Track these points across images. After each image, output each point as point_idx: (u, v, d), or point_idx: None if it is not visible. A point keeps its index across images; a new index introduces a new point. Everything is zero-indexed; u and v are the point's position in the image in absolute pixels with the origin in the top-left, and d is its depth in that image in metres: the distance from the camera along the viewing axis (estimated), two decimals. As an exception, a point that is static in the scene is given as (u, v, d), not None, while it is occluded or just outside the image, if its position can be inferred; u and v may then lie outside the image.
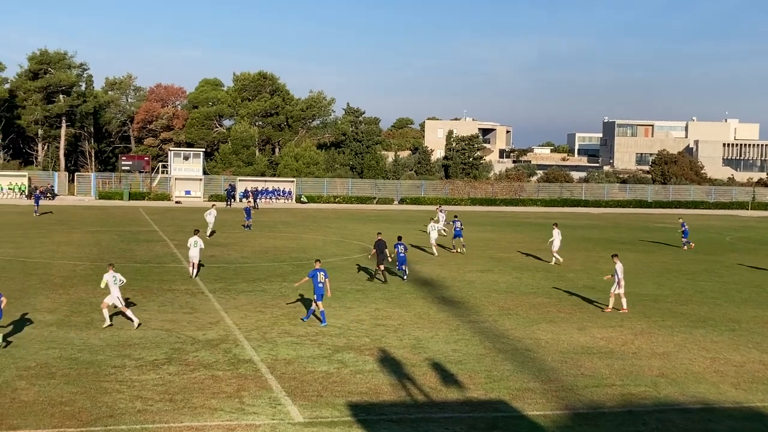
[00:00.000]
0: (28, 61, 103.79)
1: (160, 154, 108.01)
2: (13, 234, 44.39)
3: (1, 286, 27.08)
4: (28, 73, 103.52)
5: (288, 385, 16.60)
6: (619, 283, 25.79)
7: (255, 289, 28.16)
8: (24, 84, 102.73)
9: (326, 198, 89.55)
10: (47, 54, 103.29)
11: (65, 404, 14.79)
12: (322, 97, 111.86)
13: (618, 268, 25.87)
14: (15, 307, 23.56)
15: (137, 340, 19.90)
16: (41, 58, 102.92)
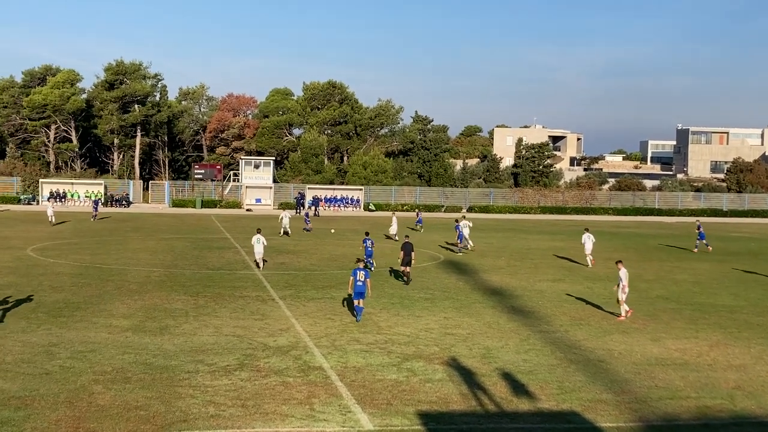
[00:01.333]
0: (105, 72, 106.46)
1: (232, 163, 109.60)
2: (90, 241, 45.50)
3: (79, 291, 27.84)
4: (104, 84, 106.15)
5: (357, 392, 16.67)
6: (623, 289, 25.68)
7: (324, 297, 28.34)
8: (100, 94, 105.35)
9: (394, 206, 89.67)
10: (123, 65, 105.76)
11: (140, 408, 15.08)
12: (390, 106, 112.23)
13: (622, 275, 25.84)
14: (92, 312, 24.17)
15: (210, 346, 20.20)
16: (117, 68, 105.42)
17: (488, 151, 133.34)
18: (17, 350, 19.10)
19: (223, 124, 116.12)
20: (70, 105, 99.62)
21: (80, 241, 45.51)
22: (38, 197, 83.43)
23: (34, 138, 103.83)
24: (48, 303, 25.43)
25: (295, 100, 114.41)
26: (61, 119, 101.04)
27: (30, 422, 14.05)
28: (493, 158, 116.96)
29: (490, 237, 55.13)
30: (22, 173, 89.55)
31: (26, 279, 30.39)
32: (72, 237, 47.83)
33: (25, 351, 19.06)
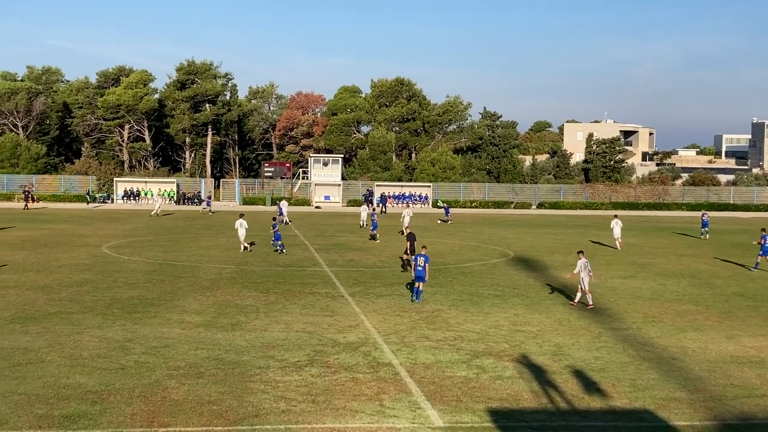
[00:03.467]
0: (177, 72, 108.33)
1: (301, 161, 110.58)
2: (162, 238, 46.33)
3: (153, 288, 28.36)
4: (176, 84, 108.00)
5: (427, 389, 16.63)
6: (586, 277, 26.42)
7: (393, 293, 28.36)
8: (172, 94, 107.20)
9: (462, 202, 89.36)
10: (194, 65, 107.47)
11: (213, 403, 15.28)
12: (458, 102, 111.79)
13: (581, 264, 26.54)
14: (165, 308, 24.59)
15: (281, 342, 20.37)
16: (188, 68, 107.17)
17: (558, 146, 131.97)
18: (93, 345, 19.53)
19: (292, 122, 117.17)
20: (143, 105, 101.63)
21: (154, 238, 46.38)
22: (113, 195, 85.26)
23: (109, 137, 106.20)
24: (123, 299, 25.97)
25: (363, 97, 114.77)
26: (135, 119, 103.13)
27: (106, 416, 14.35)
28: (563, 154, 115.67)
29: (561, 233, 54.51)
30: (97, 172, 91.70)
31: (102, 276, 31.07)
32: (145, 234, 48.77)
33: (101, 346, 19.48)
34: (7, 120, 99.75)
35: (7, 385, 15.95)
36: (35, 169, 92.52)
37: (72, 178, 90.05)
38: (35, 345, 19.39)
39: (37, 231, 49.19)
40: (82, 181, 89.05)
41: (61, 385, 16.10)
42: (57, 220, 59.09)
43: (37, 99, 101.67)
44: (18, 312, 23.50)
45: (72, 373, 16.97)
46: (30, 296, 26.21)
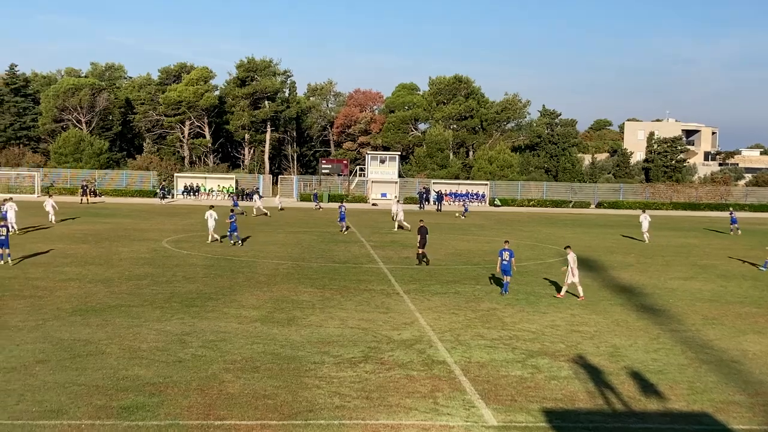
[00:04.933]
0: (237, 69, 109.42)
1: (358, 158, 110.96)
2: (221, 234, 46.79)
3: (211, 282, 28.70)
4: (236, 81, 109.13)
5: (481, 388, 16.55)
6: (572, 271, 27.28)
7: (448, 291, 28.29)
8: (232, 91, 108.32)
9: (520, 201, 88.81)
10: (254, 62, 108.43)
11: (268, 397, 15.40)
12: (517, 100, 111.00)
13: (570, 258, 27.44)
14: (223, 303, 24.87)
15: (336, 338, 20.46)
16: (248, 65, 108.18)
17: (618, 145, 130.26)
18: (152, 338, 19.83)
19: (349, 119, 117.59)
20: (203, 101, 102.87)
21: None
22: (174, 191, 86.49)
23: (170, 134, 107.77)
24: (181, 293, 26.32)
25: (421, 95, 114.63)
26: (195, 115, 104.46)
27: (164, 408, 14.56)
28: (624, 153, 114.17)
29: (620, 233, 53.80)
30: (158, 168, 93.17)
31: (161, 270, 31.53)
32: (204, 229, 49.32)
33: (159, 339, 19.77)
34: (72, 116, 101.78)
35: (67, 376, 16.28)
36: (98, 164, 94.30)
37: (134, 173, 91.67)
38: (95, 337, 19.76)
39: (99, 225, 50.11)
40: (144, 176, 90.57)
41: (120, 376, 16.38)
42: (118, 214, 60.16)
43: (100, 95, 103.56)
44: (79, 304, 23.97)
45: (131, 365, 17.26)
46: (91, 289, 26.72)
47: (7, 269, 30.41)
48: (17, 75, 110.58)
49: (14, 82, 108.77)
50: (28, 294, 25.38)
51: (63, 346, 18.76)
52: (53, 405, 14.50)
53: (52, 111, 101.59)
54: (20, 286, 26.84)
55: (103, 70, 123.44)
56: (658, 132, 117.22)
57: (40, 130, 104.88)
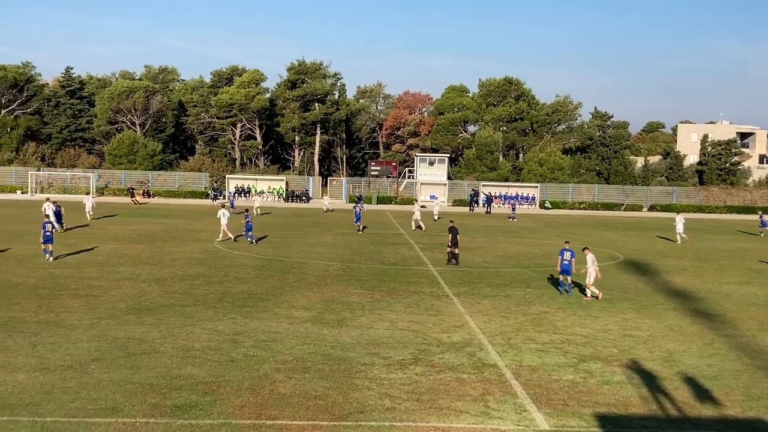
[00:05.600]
0: (287, 72, 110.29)
1: (407, 160, 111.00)
2: (271, 235, 47.19)
3: (262, 283, 28.92)
4: (286, 83, 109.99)
5: (533, 392, 16.43)
6: (596, 272, 27.83)
7: (498, 294, 28.15)
8: (283, 93, 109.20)
9: (571, 204, 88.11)
10: (304, 64, 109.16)
11: (319, 398, 15.46)
12: (568, 101, 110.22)
13: (589, 259, 28.00)
14: (274, 303, 25.03)
15: (385, 340, 20.47)
16: (299, 68, 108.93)
17: (671, 148, 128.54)
18: (205, 338, 20.03)
19: (399, 121, 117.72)
20: (254, 104, 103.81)
21: (263, 235, 47.24)
22: (225, 192, 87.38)
23: (222, 135, 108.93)
24: (233, 293, 26.56)
25: (471, 96, 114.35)
26: (247, 117, 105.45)
27: (216, 407, 14.69)
28: (677, 155, 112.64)
29: (673, 236, 53.06)
30: (210, 169, 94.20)
31: (213, 270, 31.86)
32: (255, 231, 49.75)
33: (212, 339, 19.96)
34: (126, 118, 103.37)
35: (122, 374, 16.52)
36: (151, 166, 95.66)
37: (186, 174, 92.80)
38: (149, 336, 20.02)
39: (152, 225, 50.79)
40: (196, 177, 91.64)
41: (174, 375, 16.56)
42: (171, 215, 60.93)
43: (154, 97, 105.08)
44: (133, 303, 24.31)
45: (184, 364, 17.45)
46: (145, 288, 27.09)
47: (63, 268, 30.98)
48: (73, 78, 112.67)
49: (70, 85, 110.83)
50: (84, 293, 25.82)
51: (118, 344, 19.04)
52: (108, 403, 14.72)
53: (107, 113, 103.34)
54: (76, 285, 27.32)
55: (156, 73, 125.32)
56: (712, 134, 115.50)
57: (95, 132, 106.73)
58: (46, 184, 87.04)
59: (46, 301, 24.29)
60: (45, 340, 19.24)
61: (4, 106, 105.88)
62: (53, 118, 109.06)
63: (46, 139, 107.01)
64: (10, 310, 22.67)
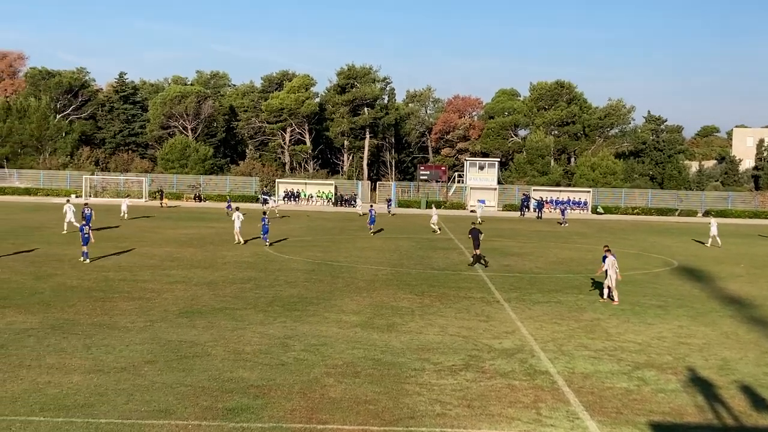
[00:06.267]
0: (337, 77, 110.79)
1: (457, 164, 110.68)
2: (321, 239, 47.36)
3: (312, 287, 29.00)
4: (336, 88, 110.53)
5: (586, 399, 16.20)
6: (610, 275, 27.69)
7: (550, 300, 27.86)
8: (332, 98, 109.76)
9: (624, 209, 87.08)
10: (354, 69, 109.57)
11: (369, 403, 15.41)
12: (621, 105, 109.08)
13: (608, 262, 27.84)
14: (323, 307, 25.07)
15: (436, 345, 20.36)
16: (348, 73, 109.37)
17: (726, 152, 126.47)
18: (256, 341, 20.11)
19: (448, 125, 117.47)
20: (304, 108, 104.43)
21: (313, 239, 47.46)
22: (275, 196, 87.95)
23: (271, 140, 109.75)
24: (284, 297, 26.66)
25: (522, 100, 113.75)
26: (296, 122, 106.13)
27: (267, 410, 14.72)
28: (732, 160, 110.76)
29: (728, 243, 52.11)
30: (260, 173, 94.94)
31: (264, 274, 32.03)
32: (305, 235, 50.00)
33: (262, 342, 20.04)
34: (178, 122, 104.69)
35: (175, 377, 16.64)
36: (203, 170, 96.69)
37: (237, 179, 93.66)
38: (201, 339, 20.17)
39: (204, 229, 51.29)
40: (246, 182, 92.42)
41: (225, 378, 16.65)
42: (222, 218, 61.46)
43: (205, 102, 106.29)
44: (186, 306, 24.53)
45: (235, 367, 17.53)
46: (197, 291, 27.32)
47: (117, 271, 31.39)
48: (126, 83, 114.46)
49: (123, 90, 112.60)
50: (137, 296, 26.12)
51: (170, 347, 19.20)
52: (161, 405, 14.84)
53: (160, 118, 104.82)
54: (129, 288, 27.65)
55: (208, 78, 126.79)
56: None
57: (147, 137, 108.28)
58: (100, 188, 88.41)
59: (100, 303, 24.63)
60: (99, 342, 19.49)
61: (60, 111, 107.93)
62: (107, 122, 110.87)
63: (99, 144, 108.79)
64: (66, 312, 23.02)
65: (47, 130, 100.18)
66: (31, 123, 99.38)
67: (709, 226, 51.40)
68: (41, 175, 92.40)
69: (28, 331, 20.44)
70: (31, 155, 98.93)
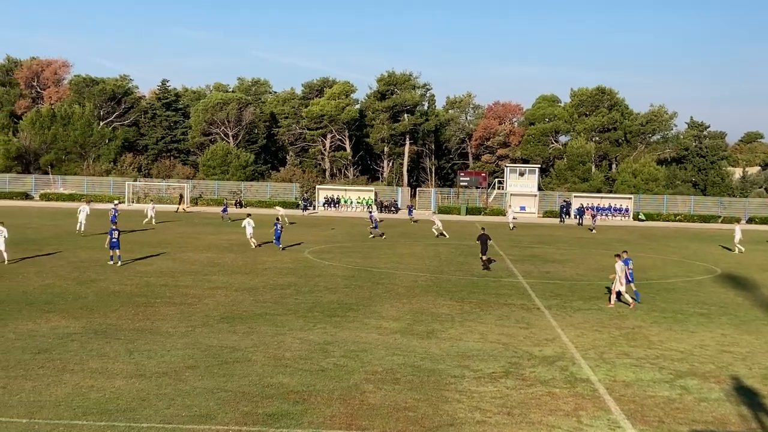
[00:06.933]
0: (377, 83, 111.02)
1: (497, 171, 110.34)
2: (360, 245, 47.45)
3: (351, 293, 29.06)
4: (376, 94, 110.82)
5: (627, 407, 16.05)
6: (620, 280, 27.87)
7: (591, 308, 27.65)
8: (372, 104, 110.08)
9: (666, 216, 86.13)
10: (394, 76, 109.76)
11: (409, 409, 15.40)
12: (663, 111, 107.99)
13: (617, 267, 28.07)
14: (363, 313, 25.12)
15: (475, 352, 20.30)
16: (389, 79, 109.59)
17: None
18: (296, 347, 20.21)
19: (488, 131, 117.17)
20: (344, 115, 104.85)
21: (352, 245, 47.57)
22: (314, 203, 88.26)
23: (312, 146, 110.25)
24: (323, 303, 26.75)
25: (562, 106, 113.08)
26: (336, 128, 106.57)
27: (307, 416, 14.78)
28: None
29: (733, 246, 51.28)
30: (300, 180, 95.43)
31: (304, 279, 32.18)
32: (345, 241, 50.12)
33: (302, 348, 20.13)
34: (219, 129, 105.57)
35: (215, 382, 16.78)
36: (244, 176, 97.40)
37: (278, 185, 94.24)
38: (242, 344, 20.31)
39: (244, 235, 51.60)
40: (287, 188, 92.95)
41: (265, 384, 16.74)
42: (261, 224, 61.81)
43: (246, 109, 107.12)
44: (226, 312, 24.72)
45: (275, 372, 17.63)
46: (237, 297, 27.52)
47: (159, 276, 31.74)
48: (168, 90, 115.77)
49: (166, 97, 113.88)
50: (179, 301, 26.38)
51: (211, 352, 19.36)
52: (202, 410, 14.96)
53: (201, 125, 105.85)
54: (171, 293, 27.94)
55: (249, 85, 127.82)
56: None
57: (189, 143, 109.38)
58: (142, 194, 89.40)
59: (142, 308, 24.91)
60: (141, 347, 19.71)
61: (103, 118, 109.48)
62: (149, 129, 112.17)
63: (142, 150, 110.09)
64: (108, 318, 23.32)
65: (91, 136, 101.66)
66: (75, 130, 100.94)
67: (734, 232, 51.40)
68: (85, 182, 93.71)
69: (71, 336, 20.74)
70: (75, 162, 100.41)
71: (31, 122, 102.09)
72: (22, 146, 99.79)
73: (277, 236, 43.61)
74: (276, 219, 46.56)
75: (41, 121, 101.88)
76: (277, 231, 43.67)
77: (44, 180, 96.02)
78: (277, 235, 43.63)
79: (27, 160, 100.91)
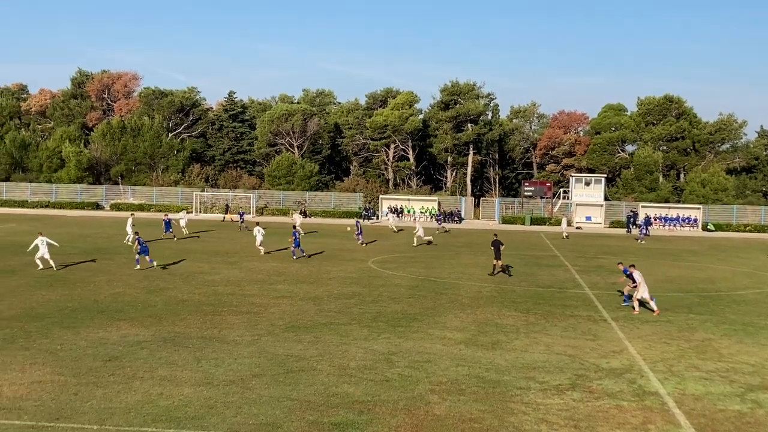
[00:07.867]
0: (441, 93, 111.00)
1: (562, 180, 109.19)
2: (424, 255, 47.40)
3: (415, 303, 29.06)
4: (440, 104, 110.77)
5: (697, 422, 15.76)
6: (639, 287, 28.39)
7: (659, 320, 27.19)
8: (436, 114, 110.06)
9: (736, 226, 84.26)
10: (458, 85, 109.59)
11: (474, 421, 15.35)
12: (732, 120, 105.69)
13: (636, 275, 28.71)
14: (427, 324, 25.10)
15: (541, 364, 20.14)
16: (452, 89, 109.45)
17: None
18: (360, 357, 20.29)
19: (553, 141, 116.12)
20: (408, 125, 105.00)
21: (416, 255, 47.55)
22: (378, 212, 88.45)
23: (375, 156, 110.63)
24: (387, 313, 26.81)
25: (629, 115, 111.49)
26: (400, 138, 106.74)
27: (372, 426, 14.82)
28: None
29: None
30: (364, 189, 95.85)
31: (368, 289, 32.29)
32: (408, 251, 50.13)
33: (367, 358, 20.20)
34: (284, 140, 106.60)
35: (281, 391, 16.93)
36: (308, 186, 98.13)
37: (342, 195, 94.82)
38: (307, 353, 20.47)
39: (308, 245, 51.96)
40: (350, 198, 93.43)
41: (330, 393, 16.85)
42: (327, 234, 62.22)
43: (311, 120, 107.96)
44: (292, 321, 24.94)
45: (340, 382, 17.73)
46: (302, 306, 27.75)
47: (226, 285, 32.17)
48: (235, 102, 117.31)
49: (232, 109, 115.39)
50: (245, 310, 26.70)
51: (277, 361, 19.55)
52: (268, 418, 15.11)
53: (267, 136, 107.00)
54: (238, 302, 28.30)
55: (314, 96, 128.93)
56: None
57: (255, 154, 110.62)
58: (210, 204, 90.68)
59: (209, 317, 25.28)
60: (209, 355, 20.00)
61: (172, 130, 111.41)
62: (216, 140, 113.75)
63: (209, 161, 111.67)
64: (177, 326, 23.71)
65: (160, 147, 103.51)
66: (144, 141, 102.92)
67: None
68: (154, 192, 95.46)
69: (141, 344, 21.14)
70: (144, 172, 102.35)
71: (101, 134, 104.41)
72: (93, 157, 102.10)
73: (296, 244, 43.57)
74: (293, 227, 47.56)
75: (112, 133, 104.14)
76: (296, 240, 43.69)
77: (114, 190, 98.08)
78: (296, 243, 43.61)
79: (98, 171, 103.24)
